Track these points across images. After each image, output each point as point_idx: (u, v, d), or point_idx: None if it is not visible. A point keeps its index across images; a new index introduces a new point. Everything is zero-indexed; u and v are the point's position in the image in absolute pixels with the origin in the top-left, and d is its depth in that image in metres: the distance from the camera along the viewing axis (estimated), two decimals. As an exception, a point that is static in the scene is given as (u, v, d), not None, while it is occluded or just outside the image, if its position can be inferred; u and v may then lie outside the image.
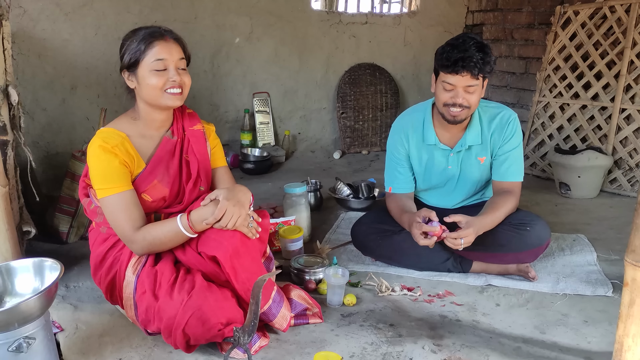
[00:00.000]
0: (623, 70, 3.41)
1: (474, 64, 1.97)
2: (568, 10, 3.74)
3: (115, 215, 1.68)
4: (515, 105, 4.35)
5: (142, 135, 1.79)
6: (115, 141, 1.71)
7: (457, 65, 1.98)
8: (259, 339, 1.71)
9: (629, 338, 1.41)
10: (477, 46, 1.99)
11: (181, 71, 1.74)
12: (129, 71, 1.72)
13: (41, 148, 3.30)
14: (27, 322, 1.40)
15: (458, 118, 2.10)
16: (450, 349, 1.73)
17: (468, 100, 2.05)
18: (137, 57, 1.68)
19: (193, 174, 1.84)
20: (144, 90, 1.72)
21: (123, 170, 1.70)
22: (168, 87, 1.71)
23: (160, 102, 1.73)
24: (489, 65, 2.02)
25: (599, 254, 2.46)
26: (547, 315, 1.95)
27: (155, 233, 1.68)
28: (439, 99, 2.11)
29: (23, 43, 3.15)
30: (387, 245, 2.29)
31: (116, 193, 1.68)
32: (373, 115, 4.62)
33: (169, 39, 1.72)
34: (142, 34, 1.70)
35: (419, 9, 4.68)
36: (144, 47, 1.68)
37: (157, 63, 1.68)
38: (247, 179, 3.77)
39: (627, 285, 1.40)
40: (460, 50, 1.98)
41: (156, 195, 1.77)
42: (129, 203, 1.69)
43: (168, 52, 1.70)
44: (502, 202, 2.16)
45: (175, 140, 1.83)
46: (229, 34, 3.98)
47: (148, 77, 1.69)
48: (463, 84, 2.02)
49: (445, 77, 2.04)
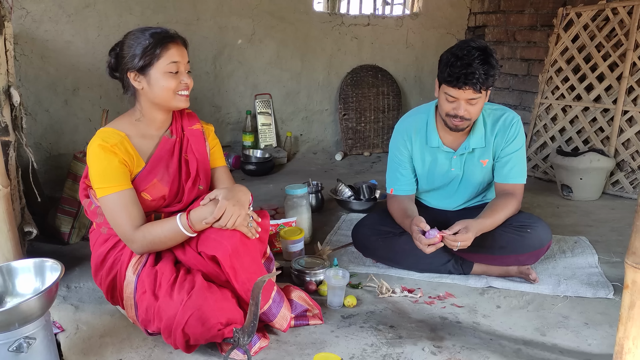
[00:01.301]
0: (625, 72, 3.41)
1: (477, 79, 1.96)
2: (570, 12, 3.74)
3: (115, 214, 1.69)
4: (518, 107, 4.35)
5: (141, 135, 1.79)
6: (115, 140, 1.71)
7: (459, 81, 1.97)
8: (259, 339, 1.71)
9: (629, 341, 1.40)
10: (481, 59, 1.96)
11: (189, 73, 1.78)
12: (139, 72, 1.72)
13: (44, 149, 3.32)
14: (28, 322, 1.41)
15: (459, 127, 2.12)
16: (450, 351, 1.73)
17: (469, 112, 2.06)
18: (151, 60, 1.69)
19: (192, 173, 1.84)
20: (156, 92, 1.73)
21: (122, 169, 1.70)
22: (180, 89, 1.74)
23: (171, 104, 1.76)
24: (493, 78, 2.00)
25: (600, 256, 2.45)
26: (547, 317, 1.95)
27: (155, 232, 1.69)
28: (441, 108, 2.12)
29: (26, 44, 3.16)
30: (388, 246, 2.29)
31: (115, 192, 1.68)
32: (375, 117, 4.62)
33: (179, 41, 1.74)
34: (151, 37, 1.69)
35: (421, 11, 4.68)
36: (160, 50, 1.68)
37: (172, 65, 1.70)
38: (249, 180, 3.77)
39: (628, 287, 1.39)
40: (464, 65, 1.96)
41: (156, 194, 1.78)
42: (129, 202, 1.69)
43: (180, 55, 1.73)
44: (502, 204, 2.15)
45: (175, 140, 1.84)
46: (231, 35, 3.99)
47: (162, 79, 1.71)
48: (465, 97, 2.02)
49: (447, 90, 2.04)
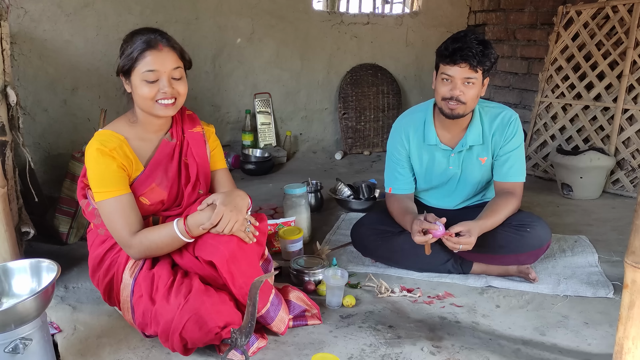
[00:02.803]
0: (626, 71, 3.39)
1: (473, 54, 1.99)
2: (570, 10, 3.72)
3: (112, 219, 1.67)
4: (518, 105, 4.34)
5: (140, 137, 1.77)
6: (114, 144, 1.70)
7: (455, 55, 2.00)
8: (257, 340, 1.71)
9: (629, 340, 1.40)
10: (477, 40, 2.02)
11: (175, 81, 1.69)
12: (124, 76, 1.70)
13: (42, 149, 3.31)
14: (24, 323, 1.40)
15: (455, 112, 2.09)
16: (449, 351, 1.72)
17: (465, 94, 2.05)
18: (130, 65, 1.66)
19: (192, 178, 1.82)
20: (137, 99, 1.71)
21: (121, 173, 1.69)
22: (159, 98, 1.68)
23: (152, 112, 1.71)
24: (488, 58, 2.03)
25: (601, 255, 2.44)
26: (547, 316, 1.94)
27: (152, 237, 1.67)
28: (437, 92, 2.12)
29: (24, 44, 3.15)
30: (387, 246, 2.28)
31: (113, 197, 1.67)
32: (375, 116, 4.61)
33: (163, 47, 1.67)
34: (137, 41, 1.66)
35: (421, 10, 4.67)
36: (136, 56, 1.64)
37: (148, 74, 1.65)
38: (248, 179, 3.76)
39: (627, 287, 1.38)
40: (460, 41, 2.01)
41: (154, 199, 1.77)
42: (127, 207, 1.68)
43: (161, 63, 1.66)
44: (502, 204, 2.15)
45: (174, 143, 1.81)
46: (230, 34, 3.98)
47: (139, 87, 1.67)
48: (461, 76, 2.02)
49: (444, 69, 2.06)
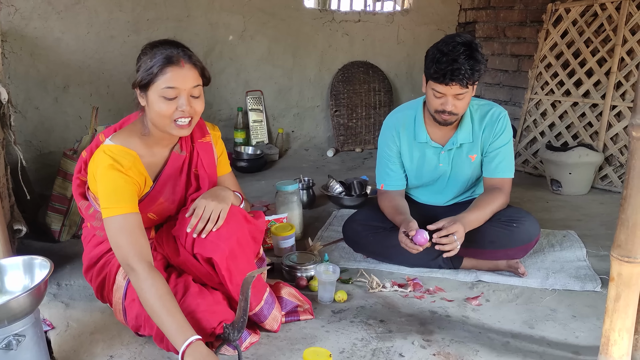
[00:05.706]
0: (614, 68, 3.43)
1: (463, 75, 1.97)
2: (559, 8, 3.76)
3: (118, 238, 1.58)
4: (508, 102, 4.37)
5: (151, 151, 1.71)
6: (129, 163, 1.62)
7: (445, 77, 1.99)
8: (250, 335, 1.72)
9: (615, 332, 1.43)
10: (467, 54, 1.97)
11: (193, 99, 1.62)
12: (141, 90, 1.62)
13: (34, 147, 3.30)
14: (17, 320, 1.41)
15: (448, 122, 2.14)
16: (439, 344, 1.74)
17: (457, 107, 2.08)
18: (149, 80, 1.58)
19: (203, 188, 1.79)
20: (152, 115, 1.62)
21: (133, 192, 1.63)
22: (177, 117, 1.60)
23: (166, 130, 1.63)
24: (479, 72, 2.02)
25: (589, 249, 2.48)
26: (536, 310, 1.97)
27: (156, 308, 1.51)
28: (430, 104, 2.14)
29: (15, 42, 3.14)
30: (378, 242, 2.30)
31: (122, 214, 1.58)
32: (366, 113, 4.63)
33: (185, 64, 1.59)
34: (157, 55, 1.58)
35: (412, 7, 4.69)
36: (157, 71, 1.56)
37: (167, 91, 1.57)
38: (241, 177, 3.75)
39: (613, 280, 1.41)
40: (450, 61, 1.96)
41: (162, 214, 1.78)
42: (135, 227, 1.59)
43: (182, 80, 1.58)
44: (489, 199, 2.18)
45: (184, 156, 1.78)
46: (222, 32, 3.98)
47: (157, 103, 1.59)
48: (452, 93, 2.04)
49: (434, 86, 2.05)
